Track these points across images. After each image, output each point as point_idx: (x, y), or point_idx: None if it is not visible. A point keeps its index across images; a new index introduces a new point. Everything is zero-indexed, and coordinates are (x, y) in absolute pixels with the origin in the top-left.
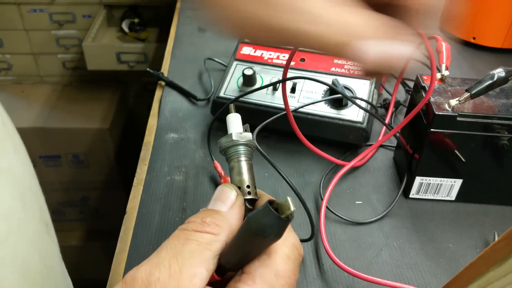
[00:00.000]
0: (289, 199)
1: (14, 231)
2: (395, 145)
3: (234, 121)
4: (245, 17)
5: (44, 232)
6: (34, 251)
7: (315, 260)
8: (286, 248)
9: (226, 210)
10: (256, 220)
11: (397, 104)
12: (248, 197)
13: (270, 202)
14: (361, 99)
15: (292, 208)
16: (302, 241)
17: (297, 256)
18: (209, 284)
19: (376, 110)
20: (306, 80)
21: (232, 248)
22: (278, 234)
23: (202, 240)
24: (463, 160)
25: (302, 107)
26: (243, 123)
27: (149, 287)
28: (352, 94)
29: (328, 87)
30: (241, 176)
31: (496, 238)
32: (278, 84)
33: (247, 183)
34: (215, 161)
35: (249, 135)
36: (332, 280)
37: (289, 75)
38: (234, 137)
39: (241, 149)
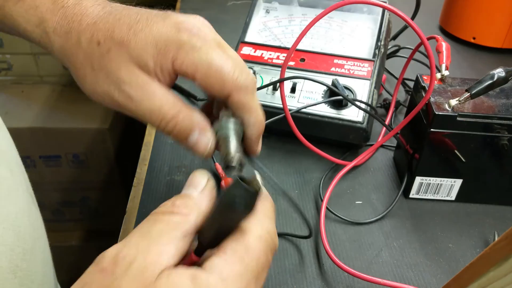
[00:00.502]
0: (256, 174)
1: (4, 195)
2: (395, 145)
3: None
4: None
5: (31, 203)
6: (23, 215)
7: (315, 260)
8: (261, 230)
9: (196, 194)
10: (227, 193)
11: (397, 104)
12: (233, 164)
13: (241, 178)
14: (360, 101)
15: (260, 182)
16: (300, 237)
17: (270, 242)
18: (189, 264)
19: (375, 111)
20: (306, 80)
21: (207, 224)
22: (248, 206)
23: (171, 220)
24: (463, 160)
25: (302, 108)
26: None
27: (117, 263)
28: (352, 94)
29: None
30: (228, 144)
31: (496, 238)
32: (278, 84)
33: (233, 151)
34: (217, 163)
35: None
36: (332, 280)
37: (289, 75)
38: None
39: (231, 124)
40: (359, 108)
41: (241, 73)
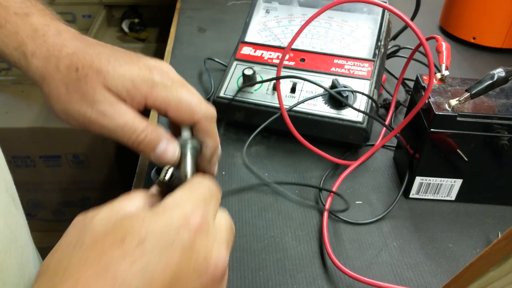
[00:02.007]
0: (166, 168)
1: None
2: (395, 145)
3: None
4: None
5: (11, 204)
6: None
7: (315, 260)
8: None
9: None
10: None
11: (397, 104)
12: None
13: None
14: (362, 93)
15: (167, 173)
16: (339, 211)
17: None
18: None
19: (377, 108)
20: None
21: None
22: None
23: None
24: (466, 159)
25: (297, 105)
26: (244, 123)
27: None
28: (352, 95)
29: (328, 85)
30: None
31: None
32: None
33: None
34: None
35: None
36: (332, 280)
37: (289, 75)
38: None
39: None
40: (358, 110)
41: (206, 106)
